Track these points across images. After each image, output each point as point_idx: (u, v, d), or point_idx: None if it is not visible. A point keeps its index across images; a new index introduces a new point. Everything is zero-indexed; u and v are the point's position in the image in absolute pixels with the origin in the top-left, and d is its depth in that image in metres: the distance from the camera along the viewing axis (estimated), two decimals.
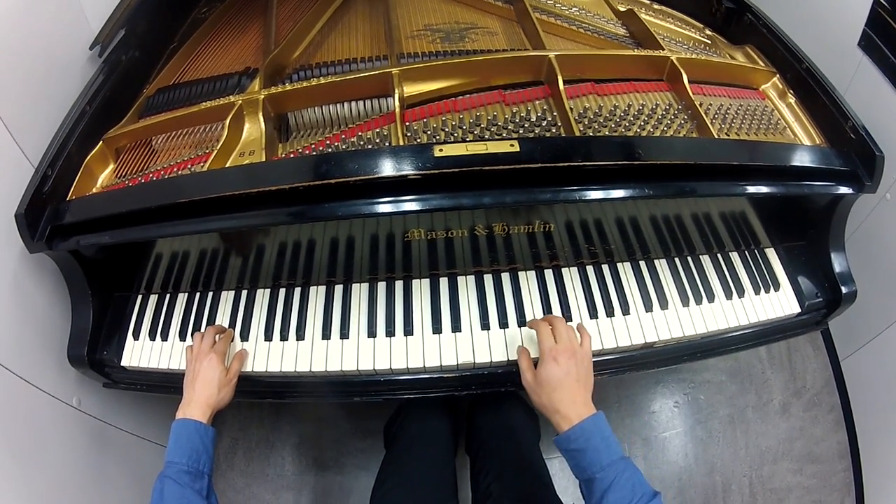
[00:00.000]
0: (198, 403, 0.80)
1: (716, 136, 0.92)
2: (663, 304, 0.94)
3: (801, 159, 0.89)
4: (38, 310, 0.96)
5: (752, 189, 0.87)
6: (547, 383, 0.74)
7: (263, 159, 0.89)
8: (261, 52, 1.10)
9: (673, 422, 1.53)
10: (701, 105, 0.97)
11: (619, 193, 0.81)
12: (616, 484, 0.65)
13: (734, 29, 1.23)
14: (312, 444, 1.50)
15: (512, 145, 0.78)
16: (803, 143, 1.01)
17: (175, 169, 0.94)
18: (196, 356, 0.85)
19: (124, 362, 0.96)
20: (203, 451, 0.76)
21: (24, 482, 0.91)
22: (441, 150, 0.77)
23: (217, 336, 0.90)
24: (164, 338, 0.96)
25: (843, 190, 0.90)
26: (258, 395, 0.98)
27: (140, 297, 1.01)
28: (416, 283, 0.95)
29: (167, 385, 0.98)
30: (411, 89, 0.96)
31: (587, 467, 0.69)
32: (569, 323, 0.90)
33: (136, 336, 0.97)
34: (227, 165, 0.91)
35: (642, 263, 0.98)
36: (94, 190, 0.97)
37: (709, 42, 1.21)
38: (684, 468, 1.46)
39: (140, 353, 0.96)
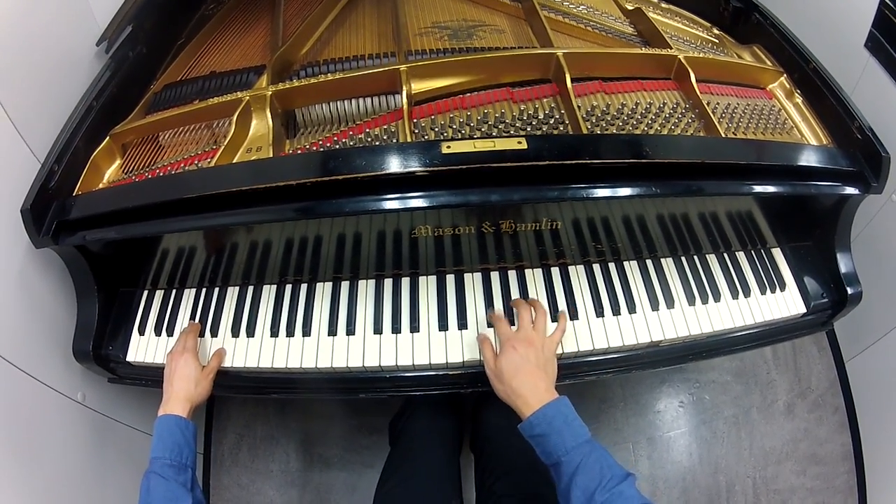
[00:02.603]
0: (177, 399, 0.81)
1: (723, 135, 0.92)
2: (669, 303, 0.94)
3: (808, 159, 0.89)
4: (43, 305, 0.96)
5: (758, 188, 0.86)
6: (507, 370, 0.76)
7: (271, 155, 0.89)
8: (268, 48, 1.10)
9: (678, 421, 1.53)
10: (708, 104, 0.97)
11: (626, 191, 0.81)
12: (583, 466, 0.65)
13: (741, 28, 1.22)
14: (317, 441, 1.50)
15: (520, 142, 0.78)
16: (810, 143, 1.01)
17: (182, 165, 0.94)
18: (171, 356, 0.87)
19: (129, 357, 0.96)
20: (185, 445, 0.77)
21: (29, 477, 0.91)
22: (449, 147, 0.77)
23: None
24: (171, 333, 0.96)
25: (850, 190, 0.89)
26: (263, 392, 0.98)
27: (146, 292, 1.01)
28: (422, 279, 0.95)
29: None
30: (419, 86, 0.96)
31: (552, 451, 0.69)
32: (560, 314, 0.90)
33: (141, 331, 0.97)
34: (234, 161, 0.90)
35: (649, 262, 0.98)
36: (101, 185, 0.97)
37: (716, 41, 1.21)
38: (689, 468, 1.46)
39: (146, 348, 0.96)
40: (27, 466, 0.91)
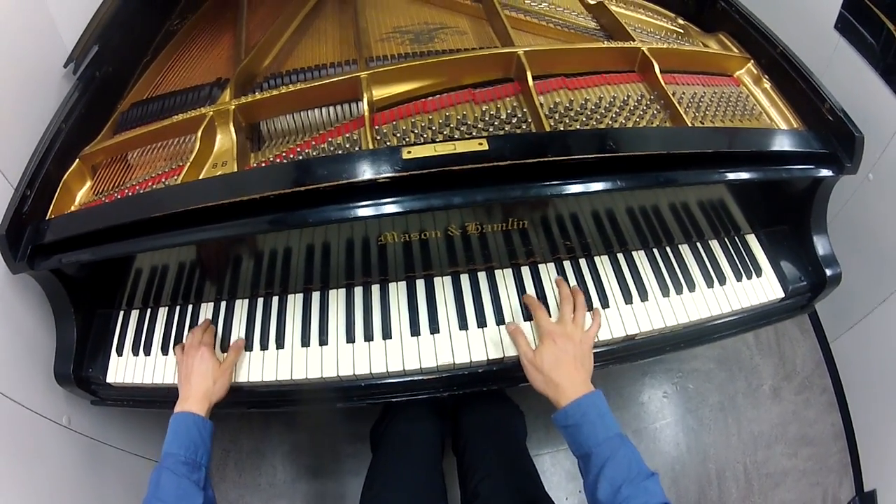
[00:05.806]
0: (195, 397, 0.80)
1: (690, 125, 0.92)
2: (643, 296, 0.94)
3: (779, 143, 0.89)
4: (24, 330, 0.96)
5: (729, 176, 0.86)
6: (547, 361, 0.77)
7: (235, 170, 0.89)
8: (232, 61, 1.10)
9: (663, 412, 1.53)
10: (674, 94, 0.97)
11: (591, 187, 0.81)
12: (613, 460, 0.67)
13: (707, 17, 1.22)
14: (303, 452, 1.50)
15: (480, 144, 0.78)
16: (780, 128, 1.00)
17: (150, 183, 0.94)
18: (187, 352, 0.85)
19: (109, 379, 0.96)
20: (201, 444, 0.75)
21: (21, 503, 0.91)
22: (409, 152, 0.77)
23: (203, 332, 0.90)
24: (147, 352, 0.96)
25: (823, 172, 0.89)
26: (243, 406, 0.98)
27: (122, 312, 1.01)
28: (392, 286, 0.95)
29: (153, 400, 0.98)
30: (380, 92, 0.96)
31: (583, 442, 0.70)
32: (595, 310, 0.92)
33: (119, 352, 0.97)
34: (200, 177, 0.90)
35: (620, 256, 0.98)
36: (73, 207, 0.97)
37: (681, 31, 1.21)
38: (677, 458, 1.46)
39: (125, 368, 0.96)
40: (16, 493, 0.91)
